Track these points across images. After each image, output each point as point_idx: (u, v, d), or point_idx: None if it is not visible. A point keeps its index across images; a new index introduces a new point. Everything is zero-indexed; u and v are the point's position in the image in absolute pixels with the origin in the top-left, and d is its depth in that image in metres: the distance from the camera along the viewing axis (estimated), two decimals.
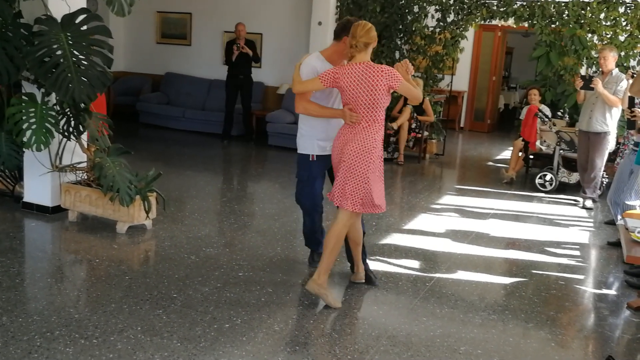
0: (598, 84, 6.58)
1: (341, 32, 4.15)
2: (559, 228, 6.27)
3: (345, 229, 4.02)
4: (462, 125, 13.55)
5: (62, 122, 5.15)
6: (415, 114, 9.23)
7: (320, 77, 3.92)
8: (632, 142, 5.77)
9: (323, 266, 4.00)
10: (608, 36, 8.67)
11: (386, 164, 8.87)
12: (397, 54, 10.07)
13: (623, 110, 6.71)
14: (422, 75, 10.01)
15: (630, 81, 6.15)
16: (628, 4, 8.52)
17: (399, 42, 10.04)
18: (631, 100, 5.95)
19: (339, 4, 9.79)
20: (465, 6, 9.48)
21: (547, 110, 8.24)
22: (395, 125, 9.04)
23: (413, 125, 9.25)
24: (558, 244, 5.70)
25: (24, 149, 5.23)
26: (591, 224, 6.52)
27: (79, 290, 4.11)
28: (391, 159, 9.13)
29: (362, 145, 3.87)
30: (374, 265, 4.78)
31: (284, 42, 10.50)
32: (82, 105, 5.06)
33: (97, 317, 3.61)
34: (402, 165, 9.00)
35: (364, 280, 4.43)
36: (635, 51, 8.54)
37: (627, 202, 5.57)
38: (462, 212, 6.68)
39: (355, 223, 4.15)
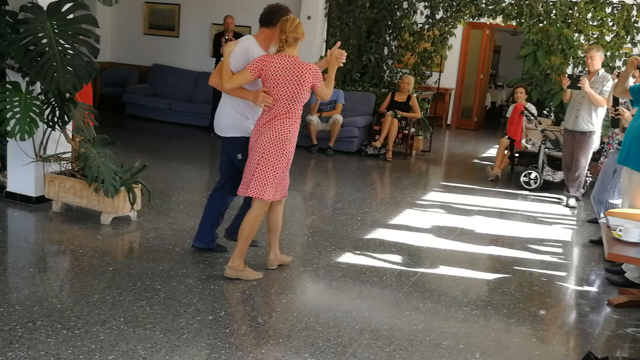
0: (585, 83, 6.63)
1: (275, 18, 4.22)
2: (543, 226, 6.32)
3: (260, 217, 4.17)
4: (449, 122, 13.60)
5: (46, 112, 5.09)
6: (404, 122, 9.24)
7: (249, 68, 3.99)
8: (617, 142, 5.82)
9: (238, 251, 4.18)
10: (595, 36, 8.75)
11: (373, 160, 8.95)
12: (385, 50, 10.10)
13: (608, 110, 6.77)
14: (410, 72, 10.03)
15: (616, 81, 6.20)
16: (615, 5, 8.60)
17: (387, 38, 10.06)
18: (615, 99, 6.00)
19: None
20: (454, 3, 9.51)
21: (533, 109, 8.29)
22: (378, 144, 9.07)
23: (402, 124, 9.26)
24: (541, 242, 5.75)
25: (7, 138, 5.18)
26: (574, 222, 6.58)
27: (62, 281, 4.08)
28: (378, 155, 9.15)
29: (277, 135, 4.00)
30: (358, 259, 4.82)
31: None
32: (67, 95, 5.01)
33: (80, 308, 3.59)
34: (390, 161, 9.01)
35: (275, 267, 4.46)
36: (621, 51, 8.61)
37: (610, 201, 5.63)
38: (447, 208, 6.71)
39: (277, 210, 4.32)
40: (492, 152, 10.41)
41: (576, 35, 8.86)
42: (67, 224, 5.15)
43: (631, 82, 5.32)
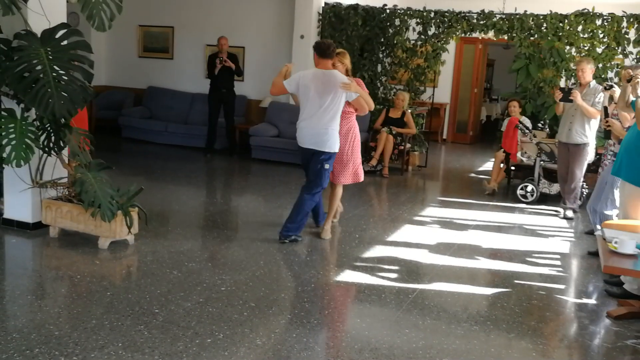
0: (577, 96, 6.67)
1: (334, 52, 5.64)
2: (540, 238, 6.32)
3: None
4: (444, 137, 13.64)
5: (42, 138, 5.11)
6: (398, 138, 9.28)
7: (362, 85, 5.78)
8: (611, 152, 5.85)
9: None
10: (586, 48, 8.80)
11: (370, 177, 8.96)
12: (379, 67, 10.15)
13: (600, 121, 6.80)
14: (404, 88, 10.08)
15: (607, 94, 6.25)
16: (605, 17, 8.67)
17: (380, 56, 10.12)
18: (605, 110, 6.04)
19: (320, 17, 9.87)
20: (446, 19, 9.58)
21: (527, 122, 8.33)
22: (374, 161, 9.11)
23: (398, 140, 9.29)
24: (539, 254, 5.75)
25: (3, 165, 5.19)
26: (572, 234, 6.58)
27: (60, 307, 4.06)
28: (374, 171, 9.17)
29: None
30: (357, 277, 4.81)
31: (266, 56, 10.53)
32: (63, 120, 5.03)
33: (78, 334, 3.58)
34: (386, 178, 9.03)
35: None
36: (612, 63, 8.67)
37: (604, 212, 5.64)
38: (445, 223, 6.71)
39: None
40: (488, 165, 10.44)
41: (567, 47, 8.92)
42: (65, 250, 5.14)
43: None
